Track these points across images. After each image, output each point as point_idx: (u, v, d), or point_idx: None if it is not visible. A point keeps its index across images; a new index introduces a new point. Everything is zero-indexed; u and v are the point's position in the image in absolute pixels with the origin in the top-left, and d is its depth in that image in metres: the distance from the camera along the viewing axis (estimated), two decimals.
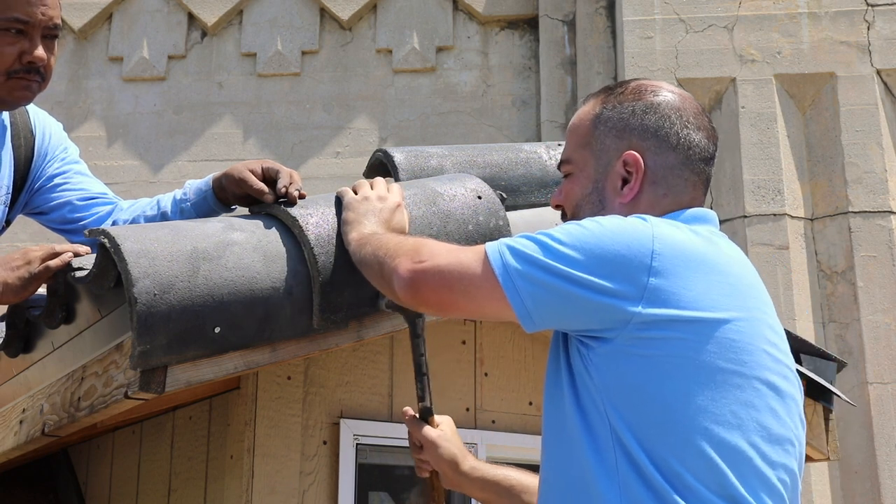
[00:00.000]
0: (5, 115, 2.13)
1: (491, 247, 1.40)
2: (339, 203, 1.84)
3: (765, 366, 1.37)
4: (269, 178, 1.94)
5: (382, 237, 1.63)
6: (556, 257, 1.34)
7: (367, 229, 1.71)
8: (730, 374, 1.33)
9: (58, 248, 1.88)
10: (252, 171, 1.96)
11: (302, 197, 1.90)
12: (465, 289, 1.40)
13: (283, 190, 1.89)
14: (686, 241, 1.37)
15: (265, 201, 1.92)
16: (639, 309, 1.31)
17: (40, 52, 1.94)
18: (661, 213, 1.47)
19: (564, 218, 1.59)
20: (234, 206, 2.12)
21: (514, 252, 1.37)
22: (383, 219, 1.75)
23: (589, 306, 1.33)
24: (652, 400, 1.32)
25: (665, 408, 1.31)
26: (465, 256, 1.42)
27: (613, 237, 1.34)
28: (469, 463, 1.77)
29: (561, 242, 1.35)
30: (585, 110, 1.58)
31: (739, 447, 1.31)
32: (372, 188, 1.83)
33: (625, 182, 1.50)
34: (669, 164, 1.50)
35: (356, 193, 1.82)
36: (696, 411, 1.31)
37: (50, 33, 1.96)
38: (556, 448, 1.44)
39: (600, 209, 1.51)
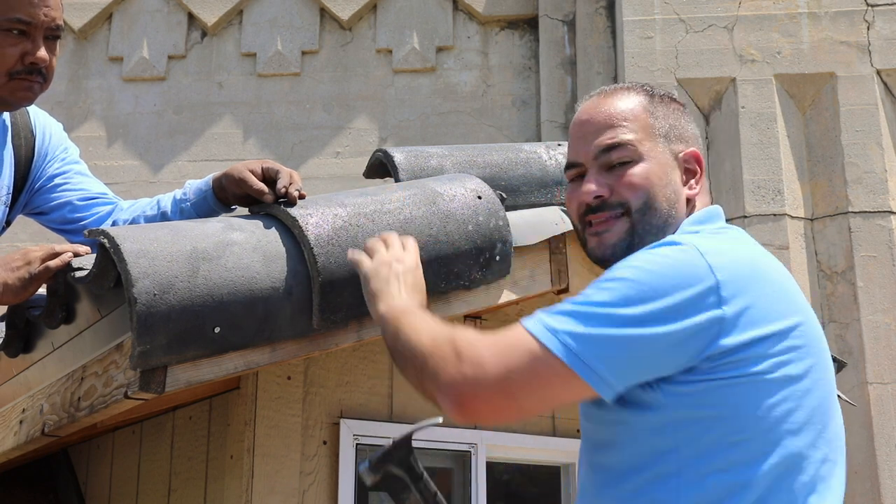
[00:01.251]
0: (6, 115, 2.13)
1: (545, 336, 1.28)
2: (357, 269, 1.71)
3: (827, 365, 1.37)
4: (269, 178, 1.94)
5: (415, 323, 1.46)
6: (626, 322, 1.26)
7: (395, 301, 1.57)
8: (799, 379, 1.31)
9: (57, 248, 1.87)
10: (252, 171, 1.96)
11: (302, 197, 1.90)
12: (527, 391, 1.28)
13: (283, 190, 1.89)
14: (736, 257, 1.34)
15: (265, 201, 1.92)
16: (719, 342, 1.27)
17: (42, 53, 1.94)
18: (698, 212, 1.49)
19: (604, 210, 1.49)
20: (234, 207, 2.12)
21: (578, 337, 1.26)
22: (407, 284, 1.62)
23: (667, 356, 1.28)
24: (727, 421, 1.28)
25: (740, 428, 1.28)
26: (514, 358, 1.27)
27: (674, 282, 1.27)
28: None
29: (624, 302, 1.26)
30: (629, 100, 1.52)
31: (806, 455, 1.30)
32: (386, 246, 1.69)
33: (689, 176, 1.50)
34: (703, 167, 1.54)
35: (371, 257, 1.69)
36: (771, 425, 1.28)
37: (52, 34, 1.97)
38: (614, 471, 1.37)
39: (675, 201, 1.47)
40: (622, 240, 1.47)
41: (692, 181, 1.49)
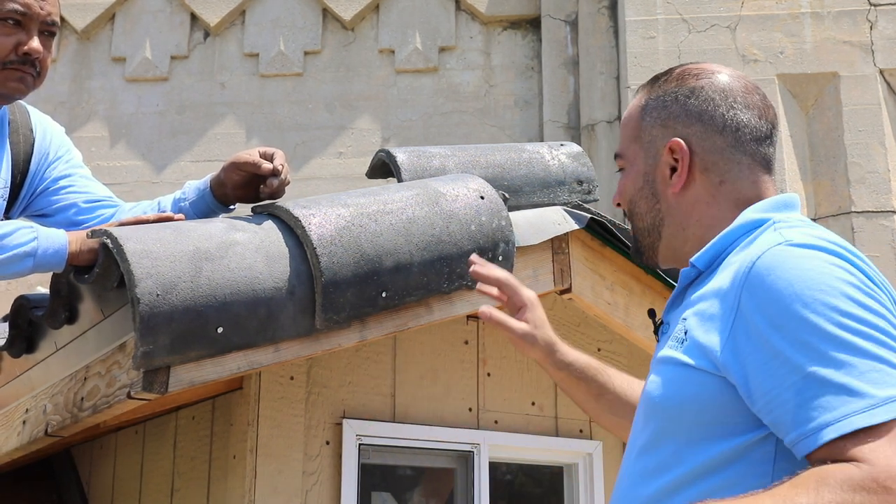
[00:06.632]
0: (4, 112, 2.13)
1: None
2: None
3: None
4: (266, 159, 2.02)
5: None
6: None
7: None
8: None
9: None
10: (248, 154, 2.03)
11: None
12: None
13: (281, 166, 1.97)
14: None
15: (263, 173, 1.97)
16: None
17: (36, 44, 1.96)
18: (728, 203, 1.37)
19: (627, 217, 1.51)
20: (232, 206, 2.13)
21: None
22: None
23: None
24: None
25: None
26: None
27: (874, 295, 1.17)
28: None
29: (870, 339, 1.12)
30: (634, 103, 1.50)
31: None
32: None
33: (673, 171, 1.40)
34: (718, 147, 1.39)
35: None
36: None
37: (47, 29, 1.98)
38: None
39: (654, 203, 1.43)
40: (632, 240, 1.52)
41: (674, 177, 1.40)
